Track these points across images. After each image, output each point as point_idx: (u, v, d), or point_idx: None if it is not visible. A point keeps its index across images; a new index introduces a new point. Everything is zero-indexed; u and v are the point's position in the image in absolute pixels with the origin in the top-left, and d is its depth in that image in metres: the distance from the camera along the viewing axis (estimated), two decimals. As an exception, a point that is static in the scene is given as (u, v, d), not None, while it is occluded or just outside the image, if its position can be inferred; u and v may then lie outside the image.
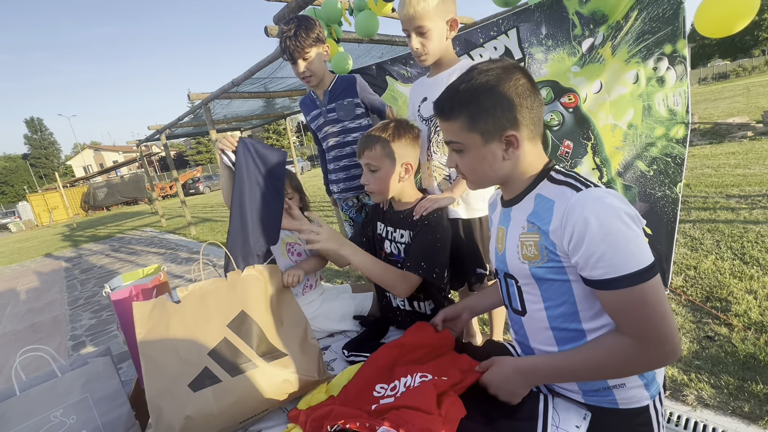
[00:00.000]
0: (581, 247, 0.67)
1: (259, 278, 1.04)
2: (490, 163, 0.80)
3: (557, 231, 0.72)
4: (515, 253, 0.83)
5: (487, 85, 0.75)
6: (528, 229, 0.80)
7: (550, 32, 1.70)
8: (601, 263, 0.66)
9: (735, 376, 1.74)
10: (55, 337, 3.88)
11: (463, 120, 0.78)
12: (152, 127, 8.22)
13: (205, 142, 39.90)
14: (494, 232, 0.96)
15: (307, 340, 1.06)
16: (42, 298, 5.57)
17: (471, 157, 0.81)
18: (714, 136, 8.06)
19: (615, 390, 0.79)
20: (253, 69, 3.83)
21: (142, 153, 11.22)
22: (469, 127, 0.78)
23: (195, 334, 0.94)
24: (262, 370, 0.95)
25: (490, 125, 0.77)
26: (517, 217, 0.84)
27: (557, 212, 0.72)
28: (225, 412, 0.91)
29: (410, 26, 1.30)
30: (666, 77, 1.49)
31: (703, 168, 5.71)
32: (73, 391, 1.16)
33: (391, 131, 1.22)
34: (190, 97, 5.91)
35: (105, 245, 9.65)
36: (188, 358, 0.92)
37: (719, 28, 1.34)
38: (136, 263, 6.70)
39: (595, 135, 1.70)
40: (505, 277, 0.90)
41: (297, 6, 2.50)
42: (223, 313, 0.98)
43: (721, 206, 3.95)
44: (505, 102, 0.75)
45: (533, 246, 0.78)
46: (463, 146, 0.81)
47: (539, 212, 0.78)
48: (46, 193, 23.97)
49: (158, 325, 0.93)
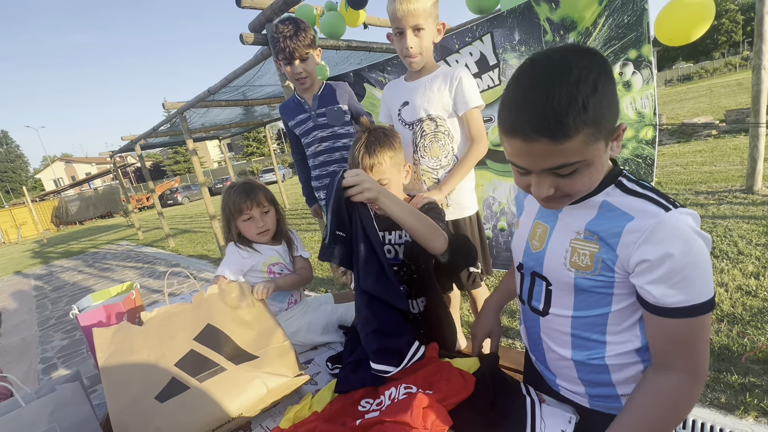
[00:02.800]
0: (658, 272, 0.61)
1: (224, 294, 1.05)
2: (602, 162, 0.65)
3: (629, 248, 0.64)
4: (561, 258, 0.74)
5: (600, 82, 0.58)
6: (585, 237, 0.71)
7: (522, 38, 1.74)
8: (679, 290, 0.61)
9: (710, 368, 1.79)
10: (24, 361, 3.68)
11: (587, 131, 0.58)
12: (126, 138, 7.98)
13: (182, 151, 38.96)
14: (527, 224, 0.86)
15: (280, 343, 1.06)
16: (10, 320, 5.28)
17: (590, 170, 0.64)
18: (681, 135, 8.42)
19: (623, 398, 0.76)
20: (229, 77, 3.77)
21: (116, 164, 10.86)
22: (595, 137, 0.60)
23: (160, 350, 0.95)
24: (231, 372, 0.97)
25: (610, 123, 0.61)
26: (569, 220, 0.74)
27: (635, 230, 0.63)
28: (197, 419, 0.91)
29: (406, 23, 1.26)
30: (632, 81, 1.54)
31: (673, 166, 5.95)
32: (39, 420, 1.09)
33: (388, 140, 1.17)
34: (165, 107, 5.78)
35: (78, 261, 9.26)
36: (153, 373, 0.93)
37: (678, 37, 1.40)
38: (111, 279, 6.44)
39: None
40: (532, 275, 0.83)
41: (272, 13, 2.48)
42: (189, 329, 0.99)
43: (691, 202, 4.11)
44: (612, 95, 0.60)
45: (588, 256, 0.70)
46: (585, 163, 0.62)
47: (605, 222, 0.68)
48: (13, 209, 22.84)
49: (121, 347, 0.93)
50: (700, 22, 1.32)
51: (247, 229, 1.36)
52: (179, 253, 7.38)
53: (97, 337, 0.91)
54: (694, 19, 1.33)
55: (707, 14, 1.32)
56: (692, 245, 0.60)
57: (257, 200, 1.34)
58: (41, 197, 26.89)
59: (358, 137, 1.19)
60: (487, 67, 1.89)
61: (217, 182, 24.99)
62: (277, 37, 1.59)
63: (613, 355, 0.73)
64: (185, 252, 7.33)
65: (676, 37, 1.40)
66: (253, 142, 39.97)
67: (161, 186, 25.56)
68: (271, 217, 1.39)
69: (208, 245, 7.42)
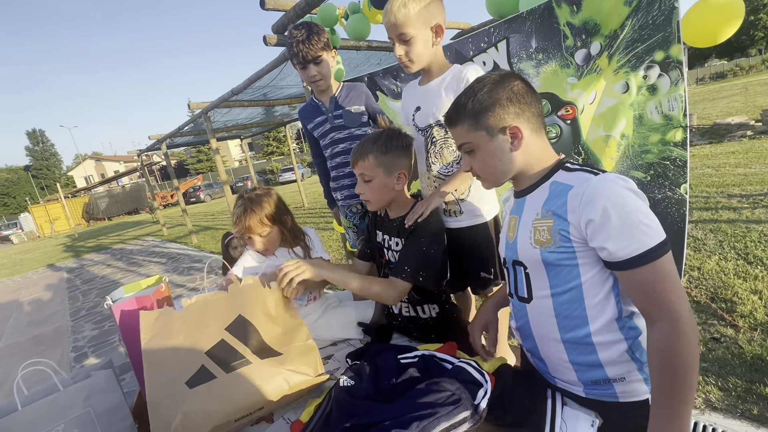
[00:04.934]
0: (604, 230, 0.71)
1: (257, 287, 1.09)
2: (499, 156, 0.87)
3: (576, 212, 0.75)
4: (527, 239, 0.86)
5: (486, 88, 0.85)
6: (542, 215, 0.83)
7: (540, 45, 1.68)
8: (628, 241, 0.70)
9: (742, 378, 1.72)
10: (57, 349, 3.87)
11: (467, 121, 0.86)
12: (153, 137, 8.27)
13: (205, 150, 40.02)
14: (506, 222, 0.99)
15: (304, 341, 1.09)
16: (44, 310, 5.56)
17: (481, 154, 0.88)
18: (713, 135, 8.07)
19: (615, 384, 0.81)
20: (252, 78, 3.86)
21: (143, 162, 11.27)
22: (474, 127, 0.86)
23: (194, 338, 1.00)
24: (255, 366, 1.00)
25: (492, 121, 0.84)
26: (531, 205, 0.88)
27: (576, 195, 0.76)
28: (221, 408, 0.94)
29: (393, 33, 1.29)
30: (658, 85, 1.46)
31: (704, 168, 5.71)
32: (75, 405, 1.15)
33: (384, 141, 1.21)
34: (191, 107, 5.95)
35: (107, 255, 9.66)
36: (186, 358, 0.98)
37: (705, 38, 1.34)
38: (138, 273, 6.69)
39: (584, 149, 1.69)
40: (513, 265, 0.93)
41: (295, 15, 2.53)
42: (222, 318, 1.04)
43: (723, 206, 3.94)
44: (504, 100, 0.83)
45: (546, 231, 0.81)
46: (472, 145, 0.88)
47: (555, 198, 0.81)
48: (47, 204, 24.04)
49: (162, 331, 0.99)
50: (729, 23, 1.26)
51: (252, 244, 1.43)
52: (202, 249, 7.59)
53: (143, 319, 0.97)
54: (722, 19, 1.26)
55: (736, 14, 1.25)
56: (625, 198, 0.71)
57: (250, 228, 1.36)
58: (73, 194, 28.14)
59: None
60: None
61: (238, 181, 25.57)
62: (291, 42, 1.63)
63: (596, 330, 0.80)
64: (207, 248, 7.54)
65: (703, 39, 1.33)
66: (273, 141, 40.64)
67: (185, 184, 26.33)
68: (273, 235, 1.41)
69: (229, 242, 7.59)
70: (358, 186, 1.26)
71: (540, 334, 0.90)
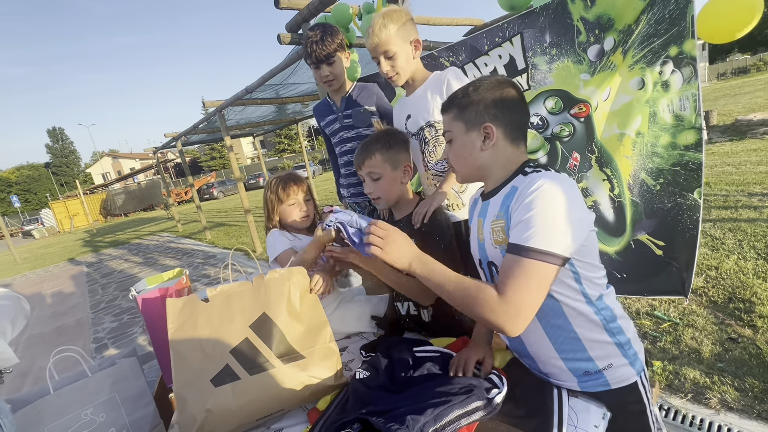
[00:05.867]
0: (516, 215, 0.79)
1: (283, 281, 1.07)
2: (469, 150, 0.92)
3: (514, 208, 0.81)
4: (490, 240, 0.91)
5: (481, 87, 0.91)
6: (497, 216, 0.89)
7: (554, 40, 1.66)
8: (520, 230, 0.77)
9: (760, 378, 1.69)
10: (79, 340, 4.01)
11: (454, 111, 0.93)
12: (169, 135, 8.43)
13: (218, 148, 40.59)
14: (474, 224, 1.03)
15: (326, 344, 1.07)
16: (66, 302, 5.75)
17: (456, 145, 0.94)
18: (734, 132, 7.84)
19: (605, 371, 0.85)
20: (266, 76, 3.91)
21: (159, 160, 11.50)
22: (457, 117, 0.92)
23: (219, 333, 1.00)
24: (278, 371, 0.99)
25: (472, 116, 0.90)
26: (492, 207, 0.93)
27: (517, 193, 0.82)
28: (242, 409, 0.95)
29: (377, 53, 1.41)
30: (671, 81, 1.42)
31: (724, 166, 5.57)
32: (102, 390, 1.21)
33: (385, 139, 1.27)
34: (205, 105, 6.05)
35: (124, 250, 9.91)
36: (212, 354, 0.98)
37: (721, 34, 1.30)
38: (155, 268, 6.86)
39: (598, 147, 1.67)
40: (488, 266, 0.97)
41: (309, 13, 2.56)
42: (247, 314, 1.03)
43: (743, 205, 3.84)
44: (490, 101, 0.89)
45: (500, 230, 0.87)
46: (452, 135, 0.95)
47: (506, 199, 0.87)
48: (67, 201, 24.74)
49: (187, 321, 0.99)
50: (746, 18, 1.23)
51: (291, 213, 1.48)
52: (215, 245, 7.73)
53: (169, 306, 0.98)
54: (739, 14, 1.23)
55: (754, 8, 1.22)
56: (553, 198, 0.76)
57: (303, 187, 1.49)
58: (91, 190, 28.89)
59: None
60: (515, 71, 1.83)
61: (251, 178, 25.83)
62: (306, 42, 1.67)
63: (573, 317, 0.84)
64: (221, 244, 7.67)
65: (720, 34, 1.30)
66: (284, 139, 40.98)
67: (198, 181, 26.77)
68: (312, 207, 1.50)
69: (243, 238, 7.72)
70: (366, 186, 1.29)
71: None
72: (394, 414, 0.73)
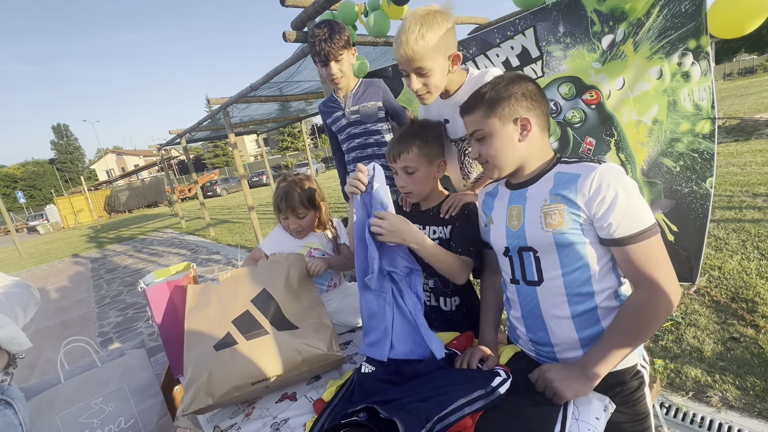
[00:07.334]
0: (612, 212, 0.82)
1: (283, 263, 1.23)
2: (508, 144, 0.95)
3: (585, 196, 0.85)
4: (537, 225, 0.92)
5: (504, 83, 0.94)
6: (552, 201, 0.90)
7: (568, 30, 1.69)
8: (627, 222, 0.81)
9: (761, 377, 1.70)
10: (84, 334, 4.01)
11: (483, 109, 0.95)
12: (173, 132, 8.47)
13: (221, 145, 40.72)
14: (502, 214, 1.04)
15: (321, 320, 1.18)
16: (71, 297, 5.81)
17: (491, 140, 0.96)
18: (740, 133, 7.79)
19: None
20: (271, 73, 3.92)
21: (163, 157, 11.55)
22: (488, 114, 0.94)
23: (225, 308, 1.16)
24: (272, 336, 1.11)
25: (505, 111, 0.93)
26: (535, 194, 0.95)
27: (585, 182, 0.85)
28: (239, 371, 1.04)
29: (408, 67, 1.15)
30: (691, 72, 1.47)
31: (729, 166, 5.54)
32: (111, 380, 1.24)
33: (423, 132, 1.22)
34: (210, 102, 6.07)
35: (128, 246, 9.98)
36: (217, 325, 1.12)
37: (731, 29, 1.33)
38: (159, 264, 6.90)
39: (618, 131, 1.69)
40: (519, 252, 0.98)
41: (314, 11, 2.57)
42: (250, 290, 1.19)
43: (748, 205, 3.83)
44: (518, 95, 0.93)
45: (558, 214, 0.88)
46: (484, 132, 0.96)
47: (562, 185, 0.90)
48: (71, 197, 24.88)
49: (202, 301, 1.16)
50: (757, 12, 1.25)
51: (285, 225, 1.52)
52: (219, 242, 7.77)
53: (190, 290, 1.17)
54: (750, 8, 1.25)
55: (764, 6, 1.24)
56: (628, 183, 0.83)
57: (292, 207, 1.45)
58: (95, 186, 29.06)
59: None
60: (529, 59, 1.85)
61: (254, 175, 25.89)
62: (313, 40, 1.67)
63: (601, 301, 0.90)
64: (224, 241, 7.71)
65: (729, 29, 1.32)
66: (288, 137, 41.00)
67: (202, 178, 26.84)
68: (307, 220, 1.50)
69: (246, 235, 7.76)
70: (399, 179, 1.26)
71: (550, 314, 0.95)
72: (400, 402, 0.75)
